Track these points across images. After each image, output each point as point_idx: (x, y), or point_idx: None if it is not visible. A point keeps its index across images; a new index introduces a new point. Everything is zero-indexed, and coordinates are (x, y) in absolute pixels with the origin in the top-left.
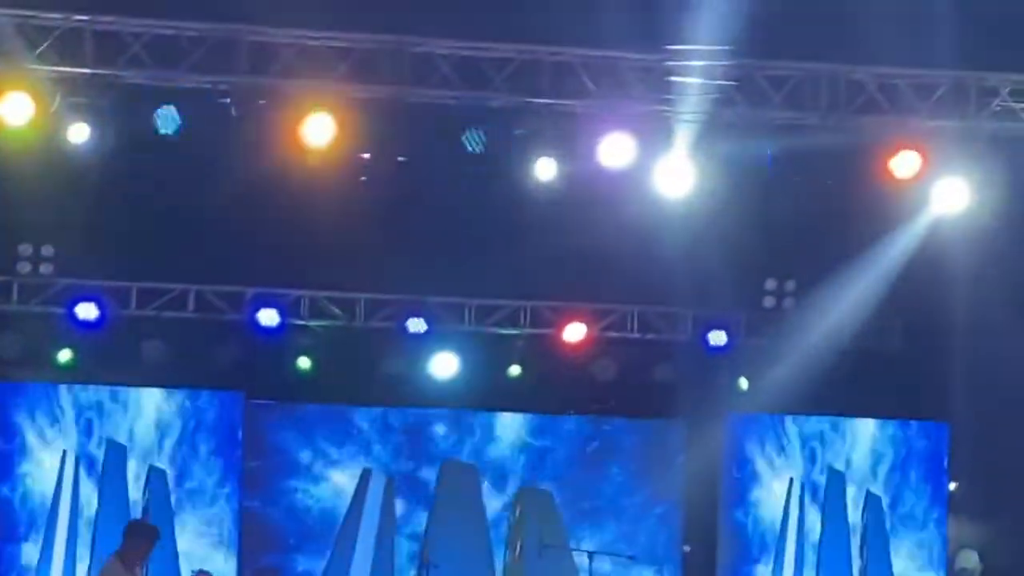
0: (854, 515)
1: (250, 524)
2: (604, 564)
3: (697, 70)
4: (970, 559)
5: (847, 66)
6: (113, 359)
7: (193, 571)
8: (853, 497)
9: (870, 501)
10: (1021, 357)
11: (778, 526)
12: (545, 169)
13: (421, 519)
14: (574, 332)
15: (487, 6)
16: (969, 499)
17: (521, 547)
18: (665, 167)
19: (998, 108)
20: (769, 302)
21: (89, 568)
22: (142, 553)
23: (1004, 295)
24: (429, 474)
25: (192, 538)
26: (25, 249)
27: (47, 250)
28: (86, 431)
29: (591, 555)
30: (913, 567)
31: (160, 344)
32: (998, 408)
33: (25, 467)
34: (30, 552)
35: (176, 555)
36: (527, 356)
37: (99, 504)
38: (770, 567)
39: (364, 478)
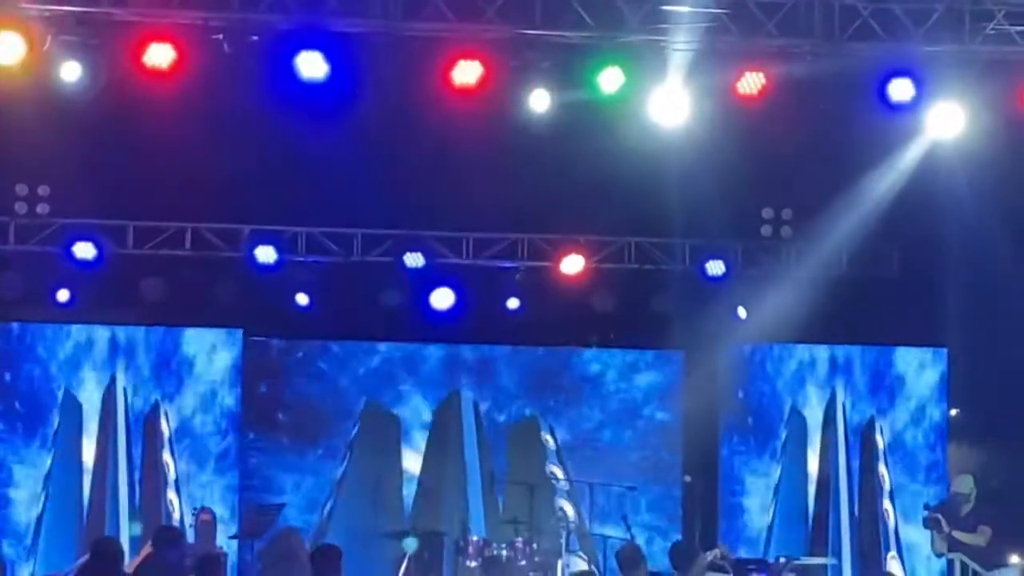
0: (852, 441)
1: (249, 461)
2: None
3: None
4: (966, 483)
5: None
6: (111, 298)
7: (195, 508)
8: (852, 423)
9: (869, 427)
10: (1018, 282)
11: (778, 454)
12: (540, 101)
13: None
14: (571, 264)
15: None
16: (967, 424)
17: (521, 478)
18: (660, 97)
19: (993, 32)
20: (766, 231)
21: None
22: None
23: (1000, 220)
24: (428, 406)
25: (193, 476)
26: (21, 189)
27: (43, 190)
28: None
29: (591, 486)
30: (912, 492)
31: (158, 283)
32: (995, 333)
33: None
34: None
35: (177, 492)
36: (525, 289)
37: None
38: (771, 494)
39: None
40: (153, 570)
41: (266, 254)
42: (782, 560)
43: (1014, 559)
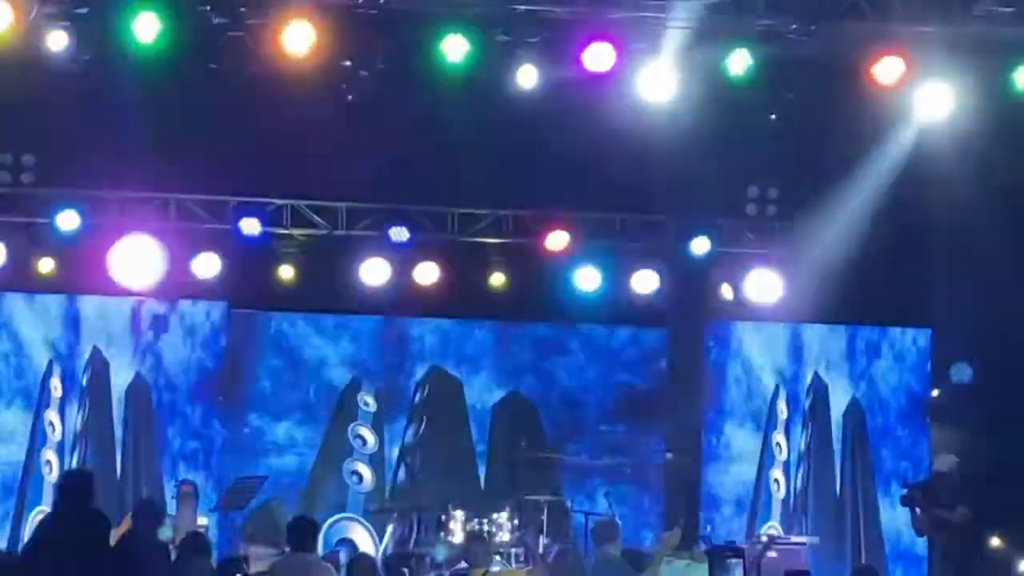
0: (837, 420)
1: (233, 432)
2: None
3: None
4: (946, 462)
5: None
6: (95, 269)
7: (177, 480)
8: (836, 403)
9: (853, 406)
10: (1005, 263)
11: (762, 433)
12: (527, 76)
13: (402, 427)
14: (557, 240)
15: None
16: (951, 404)
17: (504, 454)
18: (648, 74)
19: (982, 13)
20: (752, 209)
21: None
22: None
23: (987, 201)
24: (410, 382)
25: (175, 447)
26: (5, 158)
27: (28, 159)
28: (69, 340)
29: (577, 463)
30: (895, 471)
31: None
32: (982, 314)
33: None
34: None
35: (159, 466)
36: (510, 264)
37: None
38: (754, 474)
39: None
40: (135, 544)
41: (251, 226)
42: (764, 539)
43: (994, 541)
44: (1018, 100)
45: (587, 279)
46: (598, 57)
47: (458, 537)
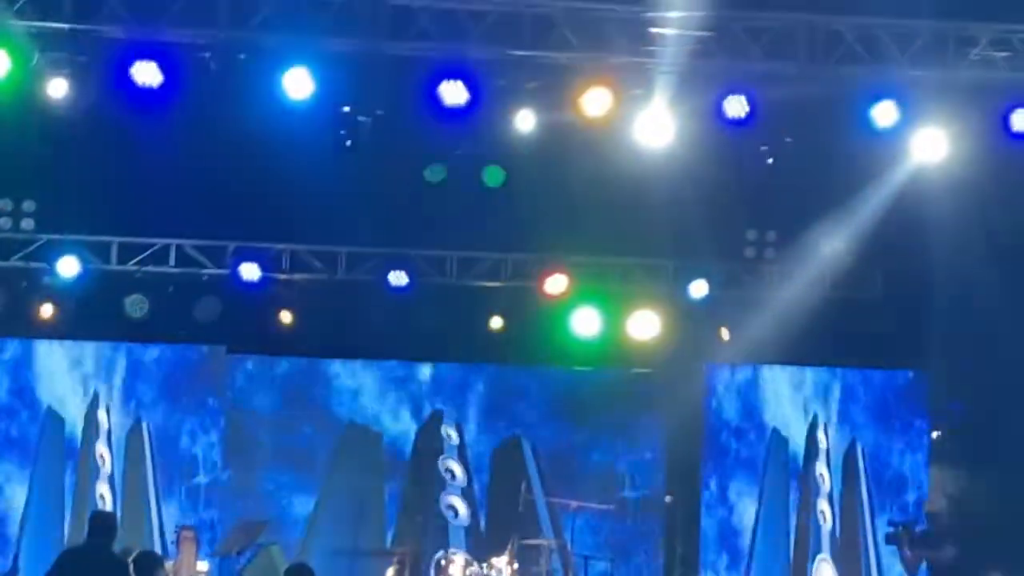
0: (835, 463)
1: (234, 477)
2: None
3: (676, 21)
4: (935, 502)
5: (826, 16)
6: (94, 314)
7: (177, 526)
8: (834, 445)
9: (851, 450)
10: (1000, 306)
11: (758, 475)
12: (525, 121)
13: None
14: (555, 284)
15: None
16: (949, 447)
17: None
18: (645, 119)
19: (977, 58)
20: (750, 252)
21: None
22: None
23: (982, 244)
24: (408, 424)
25: (174, 492)
26: (5, 204)
27: (28, 205)
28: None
29: (571, 507)
30: (893, 514)
31: (141, 299)
32: (978, 356)
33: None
34: None
35: (158, 511)
36: (508, 308)
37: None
38: (752, 514)
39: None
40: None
41: (250, 271)
42: None
43: None
44: (1014, 143)
45: (586, 322)
46: (596, 102)
47: None
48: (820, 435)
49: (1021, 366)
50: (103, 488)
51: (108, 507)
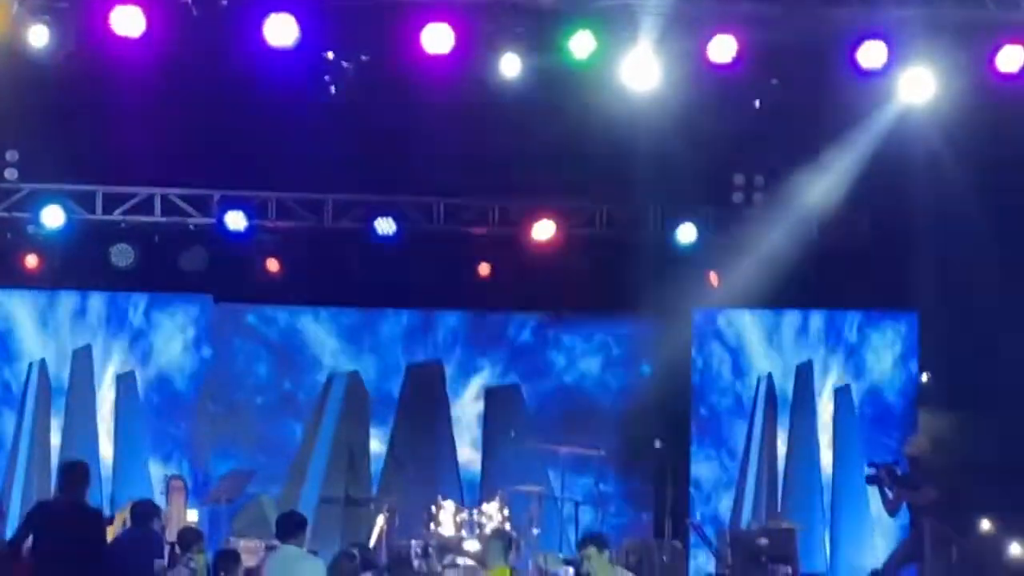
0: (823, 408)
1: (217, 429)
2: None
3: None
4: (915, 443)
5: None
6: (80, 264)
7: (166, 475)
8: (822, 390)
9: (840, 393)
10: (989, 247)
11: (747, 420)
12: (511, 65)
13: (388, 418)
14: (543, 230)
15: None
16: (938, 389)
17: (490, 442)
18: (631, 61)
19: None
20: (737, 197)
21: None
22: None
23: (971, 185)
24: (396, 373)
25: (163, 441)
26: None
27: (11, 155)
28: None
29: (560, 452)
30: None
31: (127, 248)
32: (967, 299)
33: None
34: None
35: (146, 459)
36: (496, 254)
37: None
38: (737, 462)
39: (329, 380)
40: (132, 542)
41: (236, 220)
42: (754, 527)
43: (984, 524)
44: (1001, 83)
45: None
46: (581, 45)
47: (447, 528)
48: (811, 378)
49: (1010, 307)
50: (100, 438)
51: (103, 458)
